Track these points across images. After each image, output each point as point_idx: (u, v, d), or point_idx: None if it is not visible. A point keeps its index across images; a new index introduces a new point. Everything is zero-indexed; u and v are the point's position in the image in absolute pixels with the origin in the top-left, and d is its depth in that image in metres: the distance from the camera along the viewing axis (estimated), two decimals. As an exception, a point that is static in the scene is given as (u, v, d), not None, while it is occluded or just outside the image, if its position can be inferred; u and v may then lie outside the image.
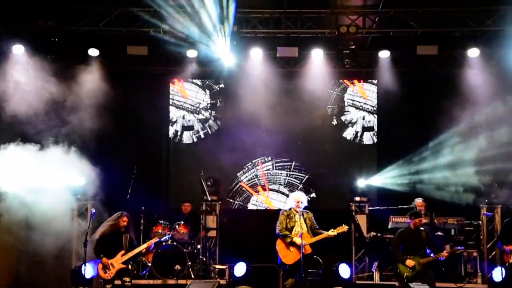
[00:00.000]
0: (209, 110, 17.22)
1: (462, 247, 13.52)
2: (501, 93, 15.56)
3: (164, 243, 14.09)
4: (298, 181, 17.02)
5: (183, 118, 17.21)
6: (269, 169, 17.09)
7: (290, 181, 17.05)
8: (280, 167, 17.11)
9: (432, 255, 12.35)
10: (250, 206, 17.05)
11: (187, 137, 17.20)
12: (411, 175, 16.15)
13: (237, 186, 17.07)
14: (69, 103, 15.29)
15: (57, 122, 14.81)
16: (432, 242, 12.60)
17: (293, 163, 17.05)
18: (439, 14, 15.31)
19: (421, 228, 12.66)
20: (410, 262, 12.28)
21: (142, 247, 12.72)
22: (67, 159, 14.11)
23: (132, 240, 12.69)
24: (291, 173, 17.07)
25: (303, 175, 17.04)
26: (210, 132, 17.20)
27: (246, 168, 17.08)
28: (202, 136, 17.21)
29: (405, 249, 12.48)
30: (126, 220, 12.61)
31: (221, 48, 15.50)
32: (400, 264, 12.45)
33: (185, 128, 17.21)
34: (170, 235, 14.17)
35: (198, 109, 17.19)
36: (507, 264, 12.92)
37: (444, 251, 12.51)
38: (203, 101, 17.22)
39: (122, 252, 12.45)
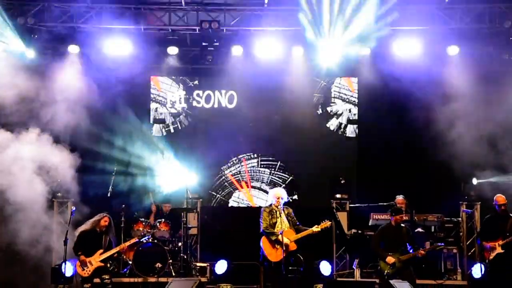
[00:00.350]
0: (183, 105, 17.18)
1: (443, 243, 13.60)
2: (479, 89, 15.67)
3: (144, 241, 14.06)
4: (281, 181, 17.03)
5: (156, 110, 17.16)
6: (253, 166, 17.07)
7: (272, 179, 17.05)
8: (264, 165, 17.11)
9: (411, 251, 12.42)
10: (231, 203, 17.03)
11: (157, 130, 17.16)
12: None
13: (221, 179, 17.04)
14: (47, 99, 15.14)
15: (36, 118, 14.69)
16: (412, 239, 12.68)
17: (279, 163, 17.06)
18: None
19: (402, 225, 12.72)
20: (390, 259, 12.34)
21: (121, 247, 12.81)
22: (47, 156, 14.04)
23: (111, 242, 12.81)
24: (275, 172, 17.07)
25: (286, 175, 17.06)
26: (180, 127, 17.13)
27: (231, 163, 17.05)
28: (172, 130, 17.16)
29: (386, 246, 12.53)
30: (107, 221, 12.77)
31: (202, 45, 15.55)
32: (381, 261, 12.51)
33: (156, 120, 17.16)
34: (149, 236, 14.13)
35: (171, 102, 17.15)
36: (487, 261, 12.98)
37: (421, 249, 12.56)
38: (176, 94, 17.18)
39: (101, 251, 12.51)
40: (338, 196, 15.62)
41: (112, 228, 12.98)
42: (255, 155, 17.09)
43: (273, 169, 17.08)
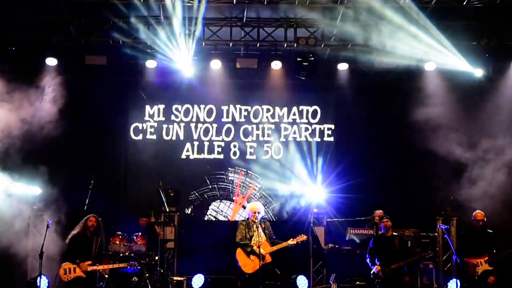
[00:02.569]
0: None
1: (430, 252, 13.58)
2: (454, 105, 15.83)
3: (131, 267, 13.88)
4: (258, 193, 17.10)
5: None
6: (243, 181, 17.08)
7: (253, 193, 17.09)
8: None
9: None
10: (210, 211, 16.99)
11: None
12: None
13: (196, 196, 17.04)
14: (26, 111, 15.07)
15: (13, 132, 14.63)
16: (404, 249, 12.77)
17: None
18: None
19: (395, 234, 12.78)
20: (377, 268, 12.41)
21: (107, 267, 12.74)
22: (22, 168, 13.97)
23: (101, 244, 12.67)
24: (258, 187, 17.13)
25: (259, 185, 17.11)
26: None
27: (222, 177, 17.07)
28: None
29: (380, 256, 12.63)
30: (93, 221, 12.56)
31: (182, 59, 15.55)
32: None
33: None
34: (139, 267, 13.89)
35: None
36: (476, 277, 12.93)
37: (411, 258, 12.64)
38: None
39: (89, 262, 12.38)
40: (315, 210, 15.66)
41: (101, 228, 12.83)
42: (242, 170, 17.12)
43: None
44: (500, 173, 15.34)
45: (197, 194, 16.98)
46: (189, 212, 16.91)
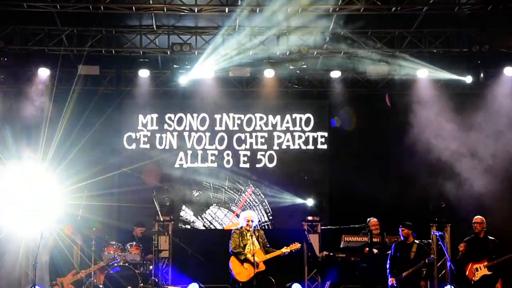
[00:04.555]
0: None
1: (432, 257, 13.57)
2: (448, 113, 15.90)
3: (116, 265, 13.93)
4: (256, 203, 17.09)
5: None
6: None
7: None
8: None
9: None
10: (206, 215, 16.97)
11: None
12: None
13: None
14: (19, 121, 15.05)
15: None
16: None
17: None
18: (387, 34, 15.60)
19: (416, 242, 12.85)
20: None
21: (90, 270, 12.73)
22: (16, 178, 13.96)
23: (83, 250, 12.66)
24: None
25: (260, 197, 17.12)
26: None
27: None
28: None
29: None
30: (69, 229, 12.59)
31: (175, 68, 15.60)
32: None
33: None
34: (117, 260, 13.96)
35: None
36: (472, 282, 12.97)
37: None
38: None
39: (74, 272, 12.38)
40: (309, 218, 15.67)
41: (77, 235, 12.85)
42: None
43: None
44: (492, 178, 15.41)
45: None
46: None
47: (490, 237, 13.11)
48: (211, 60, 15.53)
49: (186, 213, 16.96)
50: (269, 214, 16.95)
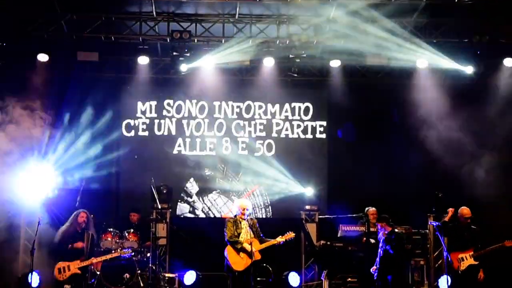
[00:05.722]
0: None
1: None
2: (447, 104, 15.89)
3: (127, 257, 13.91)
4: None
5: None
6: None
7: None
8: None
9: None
10: (205, 200, 16.99)
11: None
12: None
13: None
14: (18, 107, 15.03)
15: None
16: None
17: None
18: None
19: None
20: None
21: (101, 259, 12.75)
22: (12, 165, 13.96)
23: (93, 238, 12.73)
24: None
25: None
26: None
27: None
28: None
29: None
30: (84, 216, 12.65)
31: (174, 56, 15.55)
32: None
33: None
34: (131, 252, 13.94)
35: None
36: (459, 272, 13.01)
37: None
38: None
39: (82, 257, 12.43)
40: (307, 207, 15.69)
41: (91, 223, 12.89)
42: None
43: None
44: (490, 171, 15.43)
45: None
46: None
47: (473, 226, 13.17)
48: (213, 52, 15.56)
49: (192, 186, 16.98)
50: (266, 204, 16.96)
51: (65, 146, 15.71)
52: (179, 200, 16.84)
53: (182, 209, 16.91)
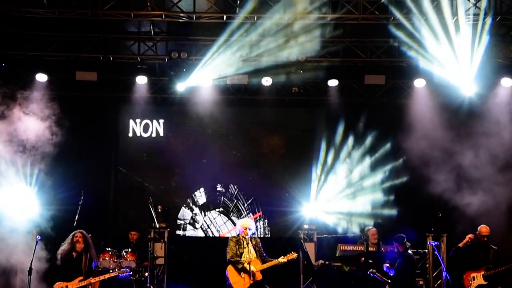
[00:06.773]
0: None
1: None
2: (445, 123, 15.92)
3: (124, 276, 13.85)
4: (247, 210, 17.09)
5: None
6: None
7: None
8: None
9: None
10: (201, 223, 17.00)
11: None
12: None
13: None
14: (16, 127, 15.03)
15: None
16: None
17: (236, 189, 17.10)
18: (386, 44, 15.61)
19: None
20: None
21: (99, 279, 12.68)
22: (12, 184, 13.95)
23: (91, 259, 12.61)
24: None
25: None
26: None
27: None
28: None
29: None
30: (79, 236, 12.54)
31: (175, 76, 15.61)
32: None
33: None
34: (129, 272, 13.91)
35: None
36: None
37: None
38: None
39: (80, 278, 12.36)
40: (305, 226, 15.67)
41: (89, 243, 12.81)
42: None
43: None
44: (490, 189, 15.45)
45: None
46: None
47: (493, 246, 13.13)
48: (209, 68, 15.56)
49: (201, 196, 17.00)
50: (265, 223, 16.94)
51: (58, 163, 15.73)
52: (184, 205, 16.89)
53: (184, 214, 16.92)
